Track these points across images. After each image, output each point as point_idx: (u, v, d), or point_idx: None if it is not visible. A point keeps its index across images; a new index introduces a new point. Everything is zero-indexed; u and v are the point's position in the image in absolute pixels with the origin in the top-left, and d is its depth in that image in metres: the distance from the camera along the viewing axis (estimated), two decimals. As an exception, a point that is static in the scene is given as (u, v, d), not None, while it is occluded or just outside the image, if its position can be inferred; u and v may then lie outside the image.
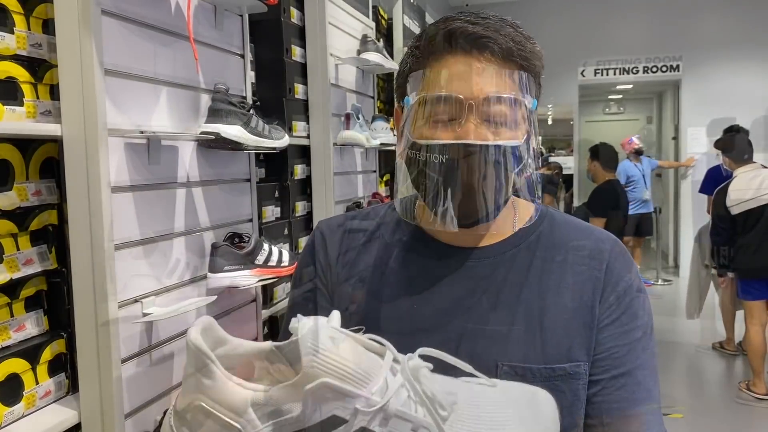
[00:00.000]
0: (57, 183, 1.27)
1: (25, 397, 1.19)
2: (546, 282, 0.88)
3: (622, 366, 0.87)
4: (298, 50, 2.27)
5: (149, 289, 1.34)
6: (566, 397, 0.84)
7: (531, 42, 0.84)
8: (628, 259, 0.92)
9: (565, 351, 0.85)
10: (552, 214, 0.96)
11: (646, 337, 0.89)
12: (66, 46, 1.17)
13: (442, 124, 0.82)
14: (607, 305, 0.88)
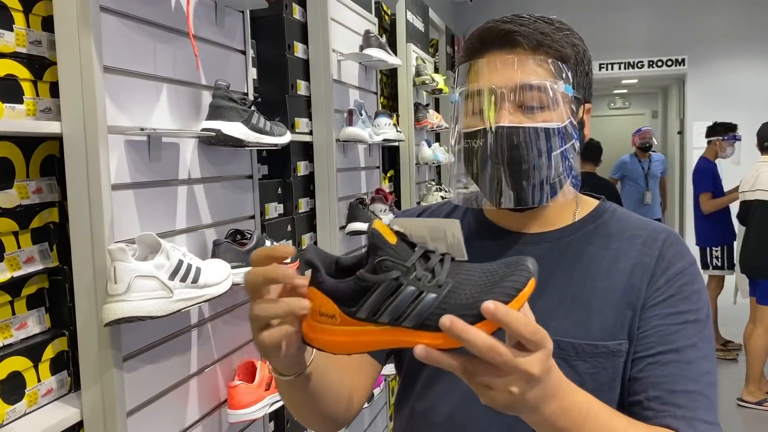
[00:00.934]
0: (58, 181, 1.27)
1: (27, 395, 1.19)
2: (597, 266, 0.93)
3: (670, 343, 0.88)
4: (300, 46, 2.26)
5: (151, 287, 1.34)
6: (607, 374, 0.88)
7: (565, 32, 0.92)
8: (683, 249, 0.95)
9: (609, 329, 0.89)
10: (615, 208, 1.01)
11: (701, 324, 0.90)
12: (65, 44, 1.17)
13: (481, 114, 0.89)
14: (655, 288, 0.90)
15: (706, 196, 4.78)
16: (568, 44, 0.91)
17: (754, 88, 7.20)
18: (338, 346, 0.68)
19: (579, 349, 0.89)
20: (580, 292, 0.91)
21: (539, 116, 0.87)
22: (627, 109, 11.51)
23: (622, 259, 0.93)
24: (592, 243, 0.95)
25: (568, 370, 0.86)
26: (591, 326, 0.89)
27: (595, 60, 4.58)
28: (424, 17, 4.02)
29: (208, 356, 1.55)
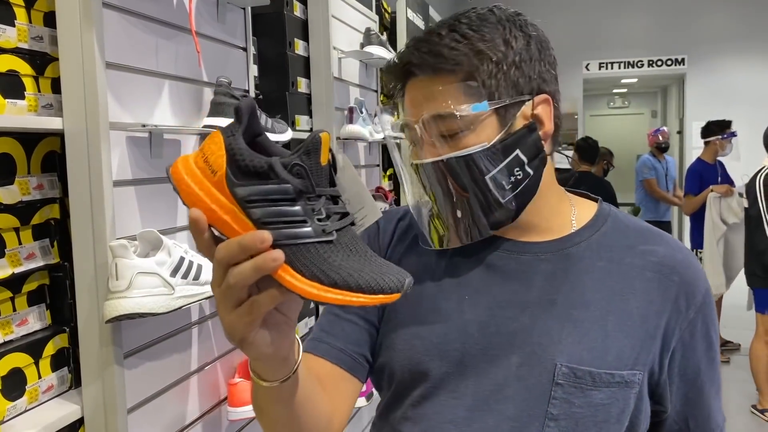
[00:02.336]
0: (59, 177, 1.27)
1: (27, 392, 1.19)
2: (611, 284, 0.85)
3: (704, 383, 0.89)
4: (301, 44, 2.26)
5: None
6: (619, 405, 0.82)
7: (472, 41, 0.80)
8: (699, 268, 0.89)
9: (625, 358, 0.82)
10: (616, 214, 0.92)
11: (717, 356, 0.91)
12: (67, 40, 1.17)
13: (414, 147, 0.86)
14: (688, 320, 0.85)
15: (687, 199, 4.77)
16: (472, 54, 0.80)
17: (754, 88, 7.21)
18: (193, 197, 0.61)
19: (597, 379, 0.81)
20: (595, 313, 0.83)
21: (458, 144, 0.81)
22: (626, 109, 11.52)
23: (638, 278, 0.85)
24: (599, 256, 0.87)
25: (581, 399, 0.80)
26: (607, 353, 0.81)
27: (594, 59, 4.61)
28: (425, 15, 4.02)
29: (208, 353, 1.55)
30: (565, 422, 0.80)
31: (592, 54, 7.69)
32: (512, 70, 0.81)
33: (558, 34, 7.13)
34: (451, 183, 0.82)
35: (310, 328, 2.26)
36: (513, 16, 0.85)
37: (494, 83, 0.80)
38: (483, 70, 0.80)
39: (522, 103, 0.82)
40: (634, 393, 0.82)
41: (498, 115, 0.81)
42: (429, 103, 0.81)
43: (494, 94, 0.80)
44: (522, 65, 0.82)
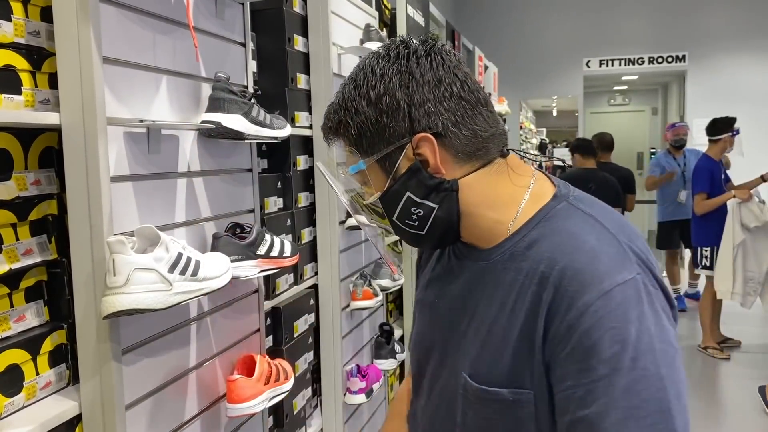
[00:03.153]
0: (57, 173, 1.26)
1: (25, 388, 1.18)
2: (511, 297, 0.84)
3: (580, 409, 0.75)
4: (301, 40, 2.25)
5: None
6: (505, 424, 0.83)
7: (339, 113, 0.89)
8: (587, 276, 0.77)
9: (509, 376, 0.82)
10: (557, 214, 0.86)
11: (617, 374, 0.73)
12: (64, 34, 1.16)
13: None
14: (559, 336, 0.77)
15: (700, 197, 4.67)
16: (338, 124, 0.90)
17: (755, 84, 7.20)
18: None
19: (482, 395, 0.84)
20: (495, 327, 0.85)
21: (366, 194, 0.94)
22: (627, 106, 11.50)
23: (524, 291, 0.82)
24: (511, 267, 0.85)
25: (471, 412, 0.87)
26: (495, 370, 0.83)
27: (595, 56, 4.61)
28: (425, 11, 4.01)
29: (207, 350, 1.54)
30: (465, 429, 0.89)
31: (592, 51, 7.68)
32: (378, 125, 0.86)
33: (558, 31, 7.20)
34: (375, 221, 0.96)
35: (310, 324, 2.26)
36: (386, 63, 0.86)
37: (364, 142, 0.88)
38: (350, 135, 0.89)
39: (401, 149, 0.86)
40: (528, 413, 0.80)
41: (380, 165, 0.88)
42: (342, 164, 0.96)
43: (368, 151, 0.88)
44: (386, 117, 0.85)
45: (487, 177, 0.88)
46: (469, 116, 0.86)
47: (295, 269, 2.17)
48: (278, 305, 2.04)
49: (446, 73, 0.86)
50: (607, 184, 4.58)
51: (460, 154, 0.86)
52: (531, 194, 0.89)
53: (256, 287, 1.78)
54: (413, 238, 0.92)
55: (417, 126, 0.85)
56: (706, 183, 4.68)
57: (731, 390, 4.23)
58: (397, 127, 0.85)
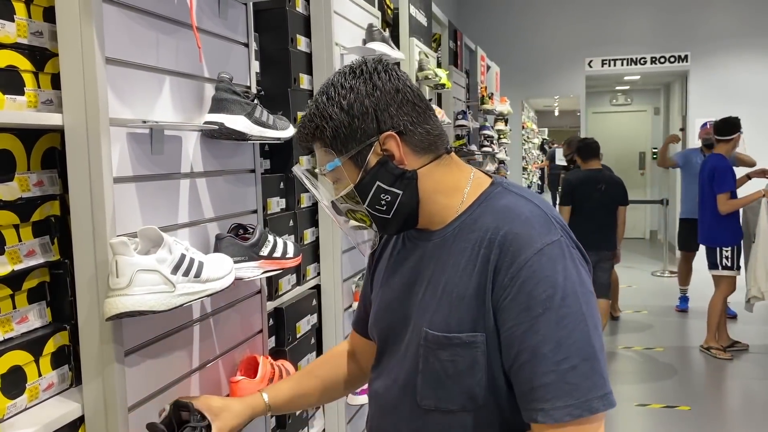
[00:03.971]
0: (59, 173, 1.26)
1: (28, 390, 1.18)
2: (461, 261, 1.05)
3: (523, 343, 0.97)
4: (303, 40, 2.25)
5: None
6: (465, 361, 1.02)
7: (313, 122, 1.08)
8: (524, 238, 1.00)
9: (464, 323, 1.02)
10: (496, 194, 1.09)
11: (550, 312, 0.95)
12: (67, 35, 1.16)
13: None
14: (503, 287, 0.99)
15: (725, 197, 4.59)
16: (312, 131, 1.09)
17: (757, 84, 7.18)
18: None
19: (439, 341, 1.04)
20: (448, 288, 1.05)
21: (340, 187, 1.11)
22: (629, 106, 11.48)
23: (474, 255, 1.03)
24: (459, 238, 1.07)
25: (433, 358, 1.05)
26: (450, 321, 1.03)
27: (597, 56, 4.61)
28: (427, 11, 4.00)
29: (209, 351, 1.54)
30: (427, 375, 1.06)
31: (594, 51, 7.67)
32: (348, 128, 1.05)
33: (561, 31, 7.20)
34: (347, 212, 1.14)
35: (312, 325, 2.25)
36: (351, 79, 1.06)
37: (338, 143, 1.07)
38: (326, 137, 1.07)
39: (370, 146, 1.06)
40: (481, 352, 1.01)
41: (353, 161, 1.07)
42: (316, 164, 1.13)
43: (342, 150, 1.07)
44: (354, 120, 1.05)
45: (438, 168, 1.09)
46: (422, 118, 1.08)
47: (298, 270, 2.17)
48: (281, 306, 2.03)
49: (401, 84, 1.07)
50: (615, 184, 4.60)
51: (417, 149, 1.07)
52: (472, 183, 1.11)
53: (259, 288, 1.77)
54: (381, 223, 1.11)
55: (383, 126, 1.05)
56: (732, 182, 4.63)
57: (736, 390, 4.22)
58: (367, 128, 1.05)
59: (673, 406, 3.87)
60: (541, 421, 0.96)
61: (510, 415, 1.03)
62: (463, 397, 1.03)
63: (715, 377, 4.44)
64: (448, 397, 1.04)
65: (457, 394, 1.04)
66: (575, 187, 4.67)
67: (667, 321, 5.72)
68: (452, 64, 4.92)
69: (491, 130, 5.92)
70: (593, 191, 4.57)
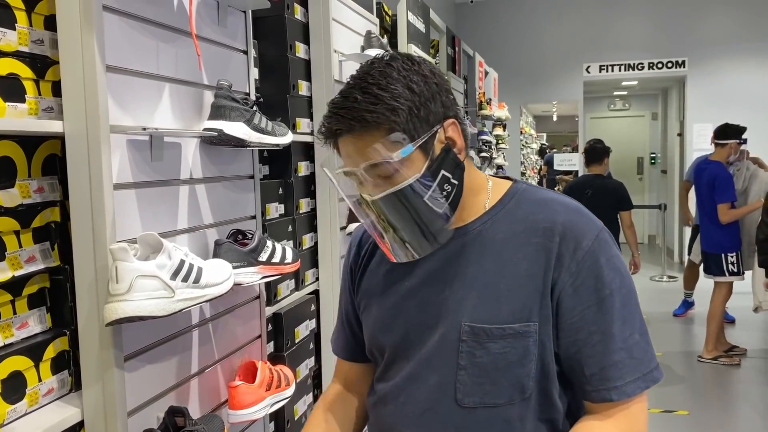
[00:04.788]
0: (60, 180, 1.27)
1: (28, 395, 1.19)
2: (505, 253, 1.03)
3: (594, 324, 1.00)
4: (302, 47, 2.26)
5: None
6: (517, 352, 1.00)
7: (385, 99, 0.96)
8: (583, 224, 1.03)
9: (517, 313, 1.00)
10: (525, 190, 1.10)
11: (616, 293, 1.00)
12: (68, 43, 1.17)
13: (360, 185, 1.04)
14: (569, 273, 1.00)
15: (726, 206, 4.56)
16: (388, 112, 0.96)
17: (754, 90, 7.21)
18: None
19: (489, 333, 1.01)
20: (492, 279, 1.03)
21: (395, 180, 0.99)
22: (627, 111, 11.51)
23: (526, 245, 1.02)
24: (500, 230, 1.05)
25: (481, 350, 1.01)
26: (500, 311, 1.01)
27: (594, 62, 4.61)
28: (425, 18, 4.02)
29: (209, 356, 1.55)
30: (472, 370, 1.02)
31: (592, 56, 7.69)
32: (421, 111, 0.98)
33: (559, 36, 7.20)
34: (400, 209, 1.00)
35: (311, 330, 2.26)
36: (409, 64, 1.00)
37: (411, 127, 0.98)
38: (400, 121, 0.97)
39: (436, 133, 1.00)
40: (533, 341, 1.00)
41: (420, 149, 0.99)
42: (362, 155, 0.98)
43: (413, 136, 0.98)
44: (427, 103, 0.99)
45: (468, 164, 1.07)
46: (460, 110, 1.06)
47: (296, 275, 2.18)
48: (279, 311, 2.04)
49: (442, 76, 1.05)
50: (607, 189, 4.54)
51: (465, 140, 1.04)
52: (492, 181, 1.12)
53: (258, 293, 1.78)
54: (430, 221, 1.01)
55: (448, 111, 1.02)
56: (732, 192, 4.60)
57: (735, 395, 4.22)
58: (437, 112, 1.00)
59: (671, 411, 3.87)
60: (616, 399, 0.99)
61: (551, 404, 1.04)
62: (512, 390, 1.01)
63: (713, 382, 4.44)
64: (495, 391, 1.02)
65: (506, 386, 1.01)
66: (567, 193, 4.65)
67: (666, 326, 5.72)
68: (450, 70, 4.93)
69: (489, 136, 5.93)
70: (581, 197, 4.54)
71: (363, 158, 0.98)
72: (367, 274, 1.19)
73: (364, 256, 1.20)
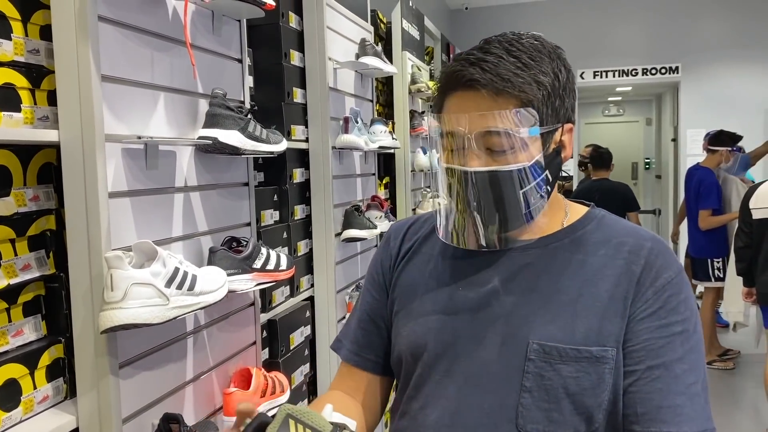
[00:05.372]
0: (55, 188, 1.28)
1: (23, 402, 1.19)
2: (583, 273, 0.95)
3: (658, 358, 0.91)
4: (297, 55, 2.28)
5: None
6: (590, 378, 0.90)
7: (533, 71, 0.90)
8: (670, 257, 0.97)
9: (594, 336, 0.91)
10: (603, 215, 1.03)
11: (688, 334, 0.92)
12: (63, 53, 1.18)
13: (455, 152, 0.94)
14: (644, 299, 0.92)
15: (707, 213, 4.60)
16: (534, 83, 0.89)
17: (747, 96, 7.25)
18: None
19: (563, 353, 0.91)
20: (567, 298, 0.94)
21: (504, 159, 0.91)
22: (621, 116, 11.56)
23: (608, 266, 0.95)
24: (579, 250, 0.98)
25: (551, 372, 0.91)
26: (575, 332, 0.92)
27: (589, 68, 4.64)
28: (420, 25, 4.04)
29: (203, 363, 1.55)
30: (538, 393, 0.91)
31: (587, 62, 7.72)
32: (557, 101, 0.92)
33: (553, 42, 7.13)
34: (496, 191, 0.92)
35: (306, 337, 2.26)
36: (556, 49, 0.96)
37: (545, 110, 0.91)
38: (539, 98, 0.90)
39: (556, 130, 0.94)
40: (609, 369, 0.91)
41: (541, 138, 0.92)
42: (484, 119, 0.89)
43: (544, 121, 0.91)
44: (563, 95, 0.93)
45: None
46: None
47: (291, 282, 2.19)
48: (274, 318, 2.05)
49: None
50: (614, 192, 4.76)
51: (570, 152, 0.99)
52: (570, 204, 1.05)
53: (252, 300, 1.79)
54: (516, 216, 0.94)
55: (571, 115, 0.97)
56: (716, 199, 4.61)
57: (728, 398, 4.24)
58: (565, 111, 0.95)
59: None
60: None
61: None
62: (579, 420, 0.91)
63: (711, 389, 4.46)
64: (561, 419, 0.91)
65: (572, 415, 0.91)
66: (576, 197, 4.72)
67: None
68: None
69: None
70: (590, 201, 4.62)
71: (484, 121, 0.89)
72: (409, 270, 1.08)
73: (409, 250, 1.09)
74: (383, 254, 1.13)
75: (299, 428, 0.72)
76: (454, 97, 0.93)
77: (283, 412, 0.74)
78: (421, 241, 1.09)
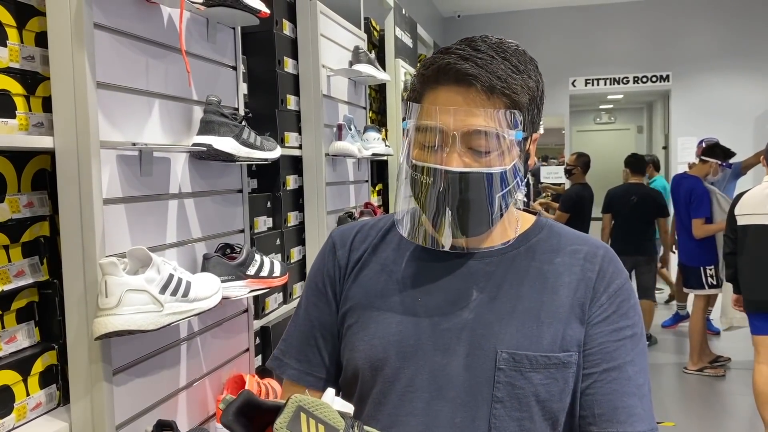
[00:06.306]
0: (49, 195, 1.28)
1: (16, 409, 1.19)
2: (543, 280, 0.97)
3: (613, 360, 0.93)
4: (291, 62, 2.29)
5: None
6: (558, 384, 0.92)
7: (523, 75, 0.90)
8: (618, 264, 1.00)
9: (559, 341, 0.93)
10: (551, 224, 1.06)
11: (637, 337, 0.96)
12: (59, 60, 1.18)
13: (432, 150, 0.90)
14: (599, 304, 0.95)
15: (700, 221, 4.61)
16: (524, 89, 0.89)
17: (737, 104, 7.32)
18: None
19: (533, 361, 0.91)
20: (529, 305, 0.94)
21: (486, 160, 0.89)
22: (612, 124, 11.64)
23: (566, 273, 0.97)
24: (535, 258, 0.99)
25: (522, 381, 0.91)
26: (542, 339, 0.92)
27: (581, 76, 4.67)
28: (413, 33, 4.06)
29: (197, 370, 1.55)
30: (510, 402, 0.90)
31: (578, 70, 7.78)
32: (535, 109, 0.93)
33: (545, 51, 7.26)
34: (473, 194, 0.89)
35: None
36: (533, 59, 0.95)
37: (527, 116, 0.91)
38: (525, 103, 0.90)
39: (530, 137, 0.95)
40: (572, 373, 0.93)
41: (519, 145, 0.91)
42: (475, 116, 0.87)
43: (526, 126, 0.91)
44: (540, 105, 0.94)
45: None
46: None
47: (285, 288, 2.19)
48: (267, 324, 2.05)
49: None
50: (648, 199, 5.13)
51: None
52: (520, 213, 1.03)
53: (246, 307, 1.79)
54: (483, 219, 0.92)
55: (538, 126, 0.97)
56: (708, 208, 4.63)
57: (720, 405, 4.25)
58: (538, 118, 0.96)
59: (658, 422, 3.90)
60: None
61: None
62: (546, 425, 0.92)
63: (699, 393, 4.47)
64: (532, 426, 0.91)
65: (542, 422, 0.92)
66: (612, 198, 5.34)
67: (653, 337, 5.76)
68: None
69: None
70: (627, 203, 5.19)
71: (474, 119, 0.87)
72: (361, 281, 1.01)
73: (359, 260, 1.03)
74: (329, 264, 1.05)
75: (311, 423, 0.69)
76: (442, 90, 0.88)
77: (293, 403, 0.69)
78: (371, 250, 1.04)
